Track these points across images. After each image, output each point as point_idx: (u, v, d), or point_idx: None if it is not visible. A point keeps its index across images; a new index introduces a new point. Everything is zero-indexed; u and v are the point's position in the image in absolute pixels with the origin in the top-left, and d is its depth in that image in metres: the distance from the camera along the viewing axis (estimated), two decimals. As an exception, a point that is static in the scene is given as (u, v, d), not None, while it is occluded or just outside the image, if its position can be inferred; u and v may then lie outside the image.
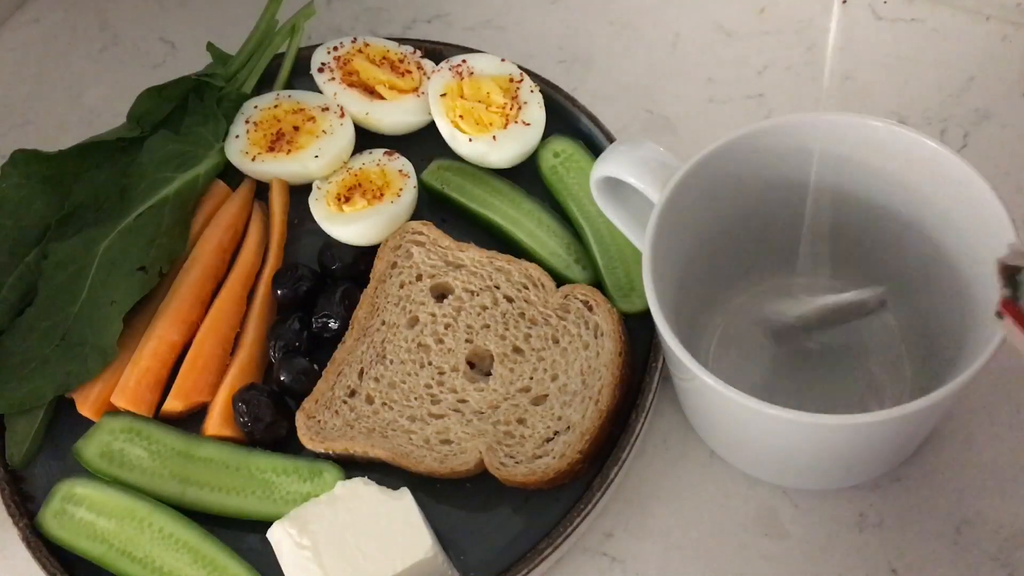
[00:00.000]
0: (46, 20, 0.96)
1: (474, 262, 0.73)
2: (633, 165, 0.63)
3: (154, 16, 0.95)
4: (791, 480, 0.67)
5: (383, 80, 0.80)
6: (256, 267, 0.76)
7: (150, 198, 0.75)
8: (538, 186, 0.77)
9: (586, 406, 0.66)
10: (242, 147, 0.78)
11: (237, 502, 0.67)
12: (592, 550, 0.67)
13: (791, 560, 0.65)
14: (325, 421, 0.69)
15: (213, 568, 0.65)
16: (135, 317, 0.73)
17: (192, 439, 0.69)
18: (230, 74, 0.82)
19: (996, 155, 0.77)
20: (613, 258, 0.72)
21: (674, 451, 0.69)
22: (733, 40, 0.86)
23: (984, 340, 0.55)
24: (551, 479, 0.65)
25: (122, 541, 0.66)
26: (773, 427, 0.59)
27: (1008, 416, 0.68)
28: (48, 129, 0.90)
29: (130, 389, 0.71)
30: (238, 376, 0.72)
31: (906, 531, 0.65)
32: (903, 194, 0.63)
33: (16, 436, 0.71)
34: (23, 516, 0.68)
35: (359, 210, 0.74)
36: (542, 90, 0.78)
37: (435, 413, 0.68)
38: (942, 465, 0.67)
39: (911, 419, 0.57)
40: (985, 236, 0.59)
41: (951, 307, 0.63)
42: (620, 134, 0.80)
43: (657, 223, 0.61)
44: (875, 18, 0.85)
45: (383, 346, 0.71)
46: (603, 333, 0.68)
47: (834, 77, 0.83)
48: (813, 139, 0.63)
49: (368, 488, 0.64)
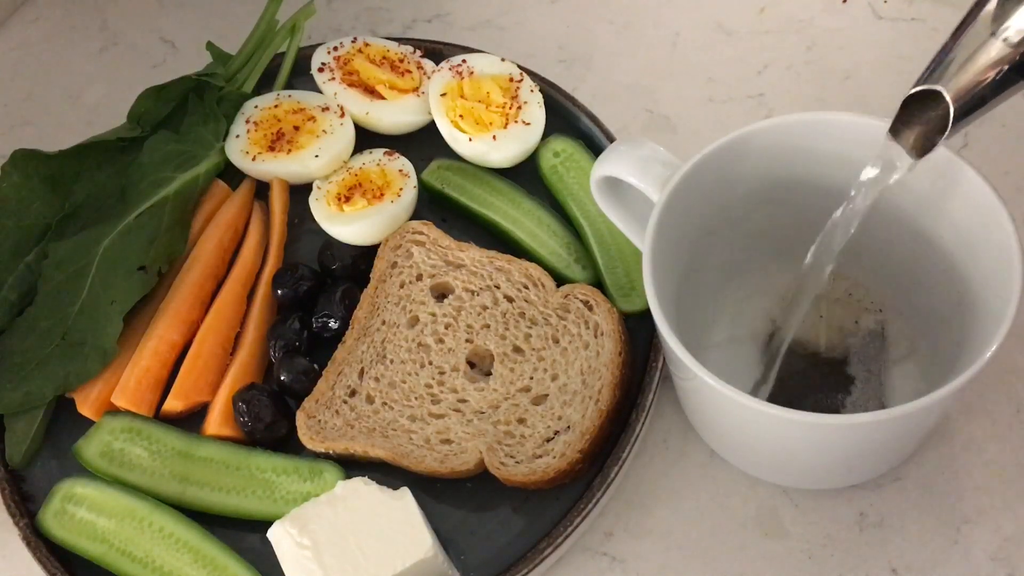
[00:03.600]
0: (46, 20, 0.96)
1: (474, 262, 0.73)
2: (633, 165, 0.63)
3: (154, 16, 0.95)
4: (791, 480, 0.67)
5: (383, 80, 0.80)
6: (256, 267, 0.76)
7: (150, 198, 0.75)
8: (538, 186, 0.77)
9: (586, 406, 0.66)
10: (242, 147, 0.78)
11: (237, 502, 0.67)
12: (592, 550, 0.67)
13: (791, 560, 0.65)
14: (325, 421, 0.69)
15: (213, 568, 0.65)
16: (135, 317, 0.73)
17: (192, 439, 0.69)
18: (230, 74, 0.82)
19: (996, 155, 0.77)
20: (613, 258, 0.72)
21: (674, 451, 0.69)
22: (733, 40, 0.86)
23: (984, 340, 0.55)
24: (551, 479, 0.65)
25: (122, 541, 0.66)
26: (773, 427, 0.59)
27: (1008, 416, 0.68)
28: (48, 129, 0.90)
29: (130, 389, 0.71)
30: (238, 376, 0.72)
31: (906, 531, 0.65)
32: (903, 194, 0.63)
33: (16, 436, 0.71)
34: (23, 516, 0.68)
35: (359, 210, 0.74)
36: (542, 90, 0.78)
37: (435, 413, 0.68)
38: (942, 465, 0.67)
39: (911, 419, 0.57)
40: (985, 236, 0.59)
41: (951, 307, 0.63)
42: (620, 134, 0.80)
43: (657, 223, 0.61)
44: (875, 18, 0.85)
45: (383, 346, 0.71)
46: (603, 333, 0.68)
47: (834, 77, 0.83)
48: (813, 139, 0.63)
49: (368, 488, 0.64)
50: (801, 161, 0.64)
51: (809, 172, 0.64)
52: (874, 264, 0.68)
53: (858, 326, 0.69)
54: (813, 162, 0.64)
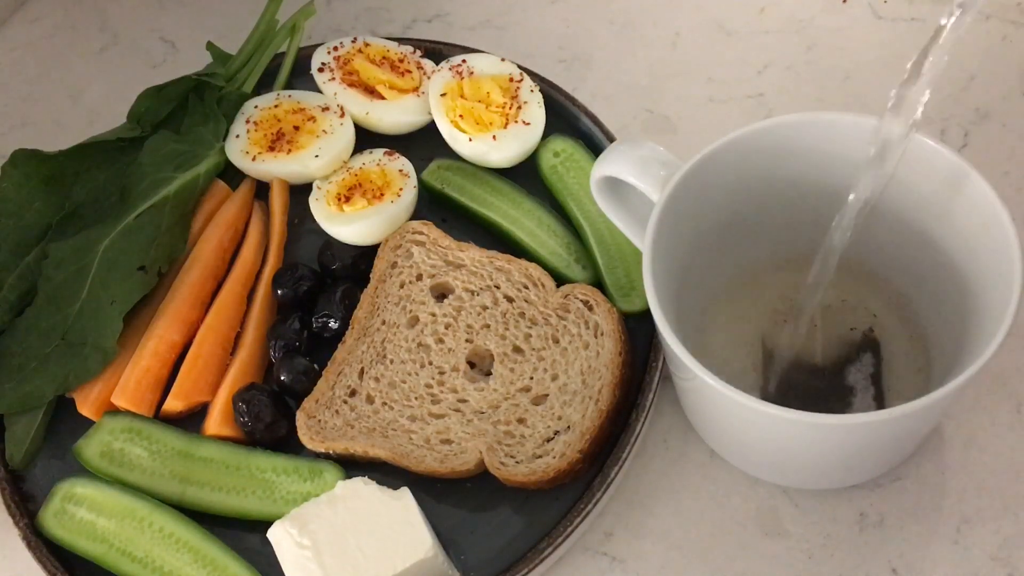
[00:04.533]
0: (46, 20, 0.96)
1: (474, 262, 0.73)
2: (633, 165, 0.63)
3: (154, 16, 0.95)
4: (791, 480, 0.67)
5: (383, 80, 0.80)
6: (256, 267, 0.76)
7: (150, 198, 0.75)
8: (538, 186, 0.77)
9: (586, 406, 0.66)
10: (242, 147, 0.78)
11: (237, 502, 0.67)
12: (592, 550, 0.67)
13: (791, 560, 0.65)
14: (325, 421, 0.69)
15: (213, 568, 0.65)
16: (135, 317, 0.73)
17: (192, 439, 0.69)
18: (230, 74, 0.82)
19: (996, 155, 0.77)
20: (613, 258, 0.72)
21: (674, 451, 0.69)
22: (733, 40, 0.86)
23: (984, 340, 0.55)
24: (551, 479, 0.65)
25: (122, 541, 0.66)
26: (773, 427, 0.59)
27: (1008, 416, 0.68)
28: (48, 129, 0.90)
29: (130, 389, 0.71)
30: (238, 376, 0.72)
31: (906, 531, 0.65)
32: (904, 195, 0.63)
33: (16, 436, 0.71)
34: (23, 516, 0.68)
35: (359, 210, 0.74)
36: (542, 90, 0.78)
37: (435, 413, 0.68)
38: (942, 465, 0.67)
39: (911, 419, 0.57)
40: (985, 236, 0.59)
41: (951, 307, 0.63)
42: (620, 134, 0.80)
43: (657, 223, 0.61)
44: (875, 18, 0.85)
45: (383, 346, 0.71)
46: (603, 333, 0.68)
47: (834, 77, 0.83)
48: (813, 139, 0.63)
49: (368, 488, 0.64)
50: (801, 161, 0.64)
51: (809, 172, 0.64)
52: (874, 263, 0.68)
53: (856, 328, 0.69)
54: (813, 162, 0.64)
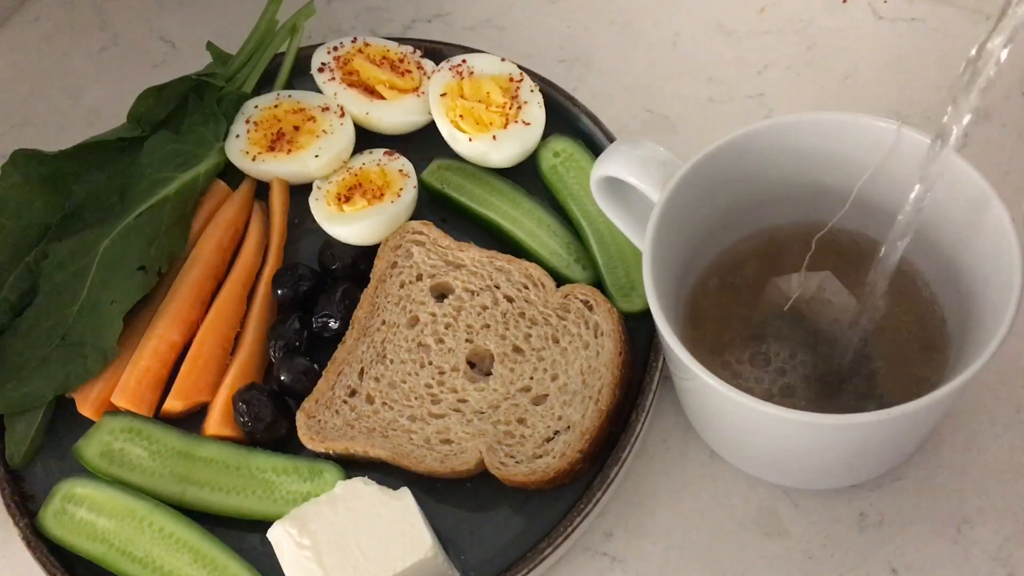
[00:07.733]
0: (46, 20, 0.96)
1: (474, 262, 0.73)
2: (633, 165, 0.63)
3: (154, 16, 0.95)
4: (791, 480, 0.67)
5: (383, 80, 0.80)
6: (256, 267, 0.76)
7: (150, 198, 0.75)
8: (538, 186, 0.77)
9: (586, 406, 0.66)
10: (242, 147, 0.78)
11: (237, 502, 0.67)
12: (592, 550, 0.67)
13: (791, 560, 0.65)
14: (325, 421, 0.69)
15: (213, 568, 0.65)
16: (135, 317, 0.73)
17: (192, 439, 0.69)
18: (230, 74, 0.82)
19: (996, 155, 0.77)
20: (613, 258, 0.72)
21: (674, 451, 0.69)
22: (733, 40, 0.86)
23: (984, 340, 0.55)
24: (551, 479, 0.65)
25: (122, 541, 0.66)
26: (773, 427, 0.59)
27: (1008, 416, 0.68)
28: (48, 129, 0.90)
29: (130, 389, 0.71)
30: (238, 376, 0.72)
31: (906, 531, 0.65)
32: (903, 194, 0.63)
33: (16, 436, 0.71)
34: (23, 516, 0.68)
35: (359, 210, 0.74)
36: (542, 90, 0.78)
37: (435, 413, 0.68)
38: (942, 465, 0.67)
39: (911, 419, 0.57)
40: (985, 236, 0.59)
41: (951, 307, 0.63)
42: (620, 134, 0.80)
43: (657, 223, 0.61)
44: (875, 18, 0.85)
45: (383, 346, 0.71)
46: (603, 333, 0.68)
47: (834, 77, 0.83)
48: (813, 139, 0.63)
49: (368, 488, 0.64)
50: (801, 161, 0.64)
51: (809, 172, 0.64)
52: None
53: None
54: (813, 162, 0.64)
